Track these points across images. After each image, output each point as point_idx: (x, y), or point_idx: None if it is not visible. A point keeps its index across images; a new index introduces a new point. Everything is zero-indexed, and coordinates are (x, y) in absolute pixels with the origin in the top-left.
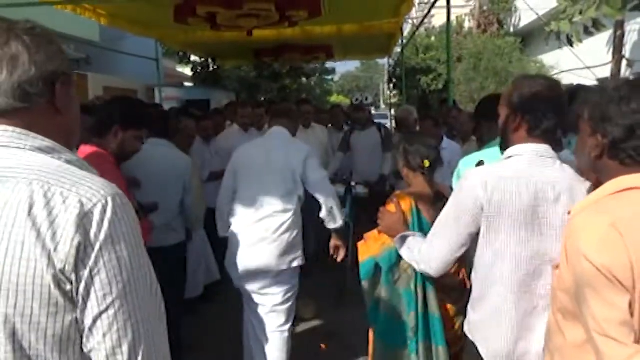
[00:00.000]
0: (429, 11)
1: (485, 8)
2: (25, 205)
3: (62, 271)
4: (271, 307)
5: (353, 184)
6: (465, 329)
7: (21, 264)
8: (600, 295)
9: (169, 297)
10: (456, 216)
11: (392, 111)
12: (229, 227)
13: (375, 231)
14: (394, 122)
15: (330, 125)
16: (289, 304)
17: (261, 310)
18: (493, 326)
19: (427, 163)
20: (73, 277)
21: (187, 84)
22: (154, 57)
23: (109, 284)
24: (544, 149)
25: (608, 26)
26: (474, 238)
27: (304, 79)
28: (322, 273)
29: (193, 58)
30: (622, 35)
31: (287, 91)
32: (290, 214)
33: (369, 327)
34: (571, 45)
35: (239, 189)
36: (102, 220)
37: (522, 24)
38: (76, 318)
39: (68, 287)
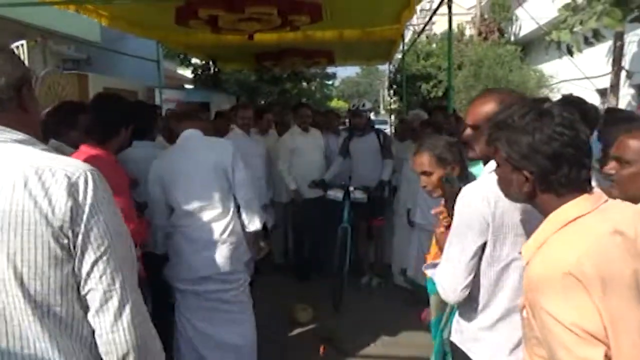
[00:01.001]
0: (430, 18)
1: (486, 16)
2: (20, 182)
3: (60, 228)
4: (224, 309)
5: (351, 188)
6: (455, 338)
7: (23, 227)
8: (574, 354)
9: (155, 302)
10: (463, 238)
11: (392, 117)
12: (169, 239)
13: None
14: (393, 128)
15: (326, 129)
16: (244, 299)
17: (212, 315)
18: (496, 334)
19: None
20: (69, 234)
21: (187, 86)
22: (154, 58)
23: (100, 237)
24: None
25: (608, 37)
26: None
27: (304, 83)
28: (319, 278)
29: (194, 60)
30: (622, 46)
31: (287, 95)
32: (231, 213)
33: (365, 331)
34: (571, 55)
35: (173, 198)
36: (86, 188)
37: (522, 33)
38: (73, 267)
39: (65, 241)
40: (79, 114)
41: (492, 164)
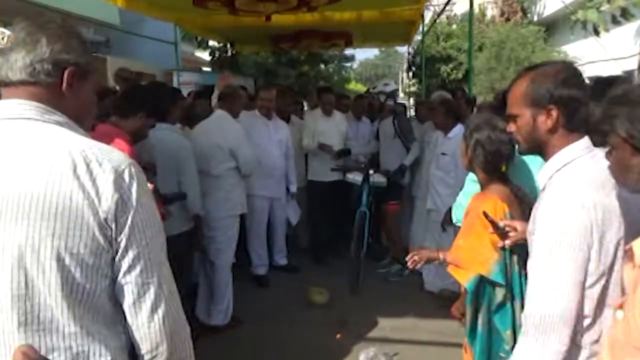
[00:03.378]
0: None
1: None
2: (70, 168)
3: (105, 220)
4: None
5: (371, 172)
6: None
7: (70, 215)
8: None
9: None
10: (569, 252)
11: (411, 100)
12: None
13: (462, 245)
14: (412, 110)
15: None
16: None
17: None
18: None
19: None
20: (113, 226)
21: (205, 69)
22: (172, 41)
23: (142, 231)
24: (587, 141)
25: (637, 16)
26: None
27: (322, 66)
28: (336, 261)
29: (211, 43)
30: None
31: (305, 78)
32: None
33: (380, 316)
34: (597, 35)
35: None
36: (130, 182)
37: (546, 13)
38: (112, 258)
39: (108, 232)
40: (104, 98)
41: (565, 155)
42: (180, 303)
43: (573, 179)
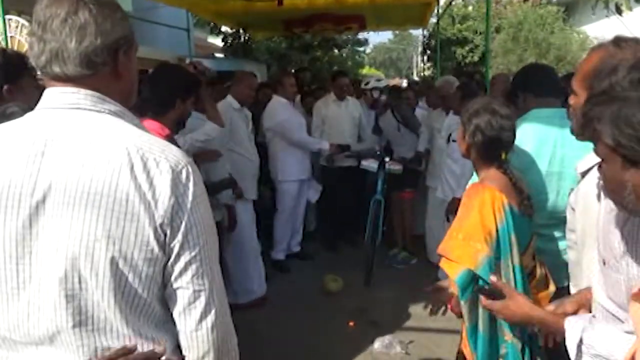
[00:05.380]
0: None
1: None
2: (127, 166)
3: (161, 225)
4: None
5: (387, 159)
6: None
7: (126, 217)
8: None
9: None
10: None
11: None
12: None
13: (455, 236)
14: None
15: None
16: None
17: None
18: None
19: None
20: (168, 231)
21: (218, 55)
22: (185, 27)
23: (198, 236)
24: None
25: None
26: None
27: (335, 51)
28: (350, 249)
29: (224, 29)
30: None
31: (318, 63)
32: None
33: (394, 304)
34: (620, 14)
35: None
36: (187, 183)
37: None
38: (164, 264)
39: (162, 238)
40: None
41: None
42: (230, 310)
43: None
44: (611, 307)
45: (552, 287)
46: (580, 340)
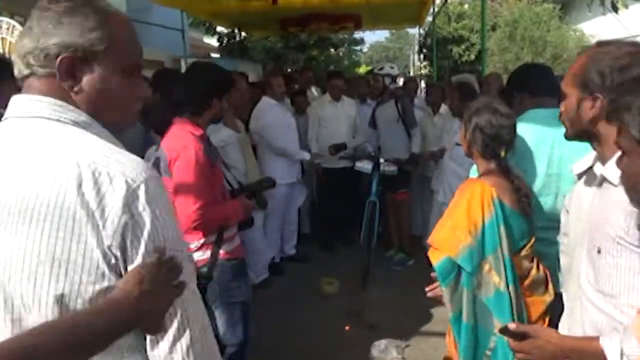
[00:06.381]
0: None
1: None
2: (74, 183)
3: (110, 247)
4: None
5: (382, 160)
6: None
7: (73, 238)
8: None
9: None
10: None
11: (422, 83)
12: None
13: (444, 225)
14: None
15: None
16: None
17: None
18: None
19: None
20: (118, 253)
21: (213, 55)
22: (180, 27)
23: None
24: None
25: None
26: None
27: (331, 50)
28: (347, 251)
29: (219, 29)
30: None
31: (314, 62)
32: None
33: (391, 307)
34: (616, 12)
35: None
36: (145, 200)
37: None
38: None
39: (113, 261)
40: (174, 83)
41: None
42: (211, 329)
43: None
44: (599, 301)
45: (550, 293)
46: (621, 352)
